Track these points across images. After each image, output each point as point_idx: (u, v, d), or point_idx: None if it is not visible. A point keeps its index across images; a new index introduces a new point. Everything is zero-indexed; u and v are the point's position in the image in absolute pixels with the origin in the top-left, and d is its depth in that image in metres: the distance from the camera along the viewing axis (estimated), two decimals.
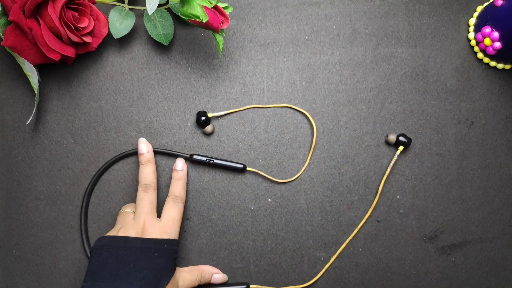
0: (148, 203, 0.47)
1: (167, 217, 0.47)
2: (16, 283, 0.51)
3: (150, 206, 0.47)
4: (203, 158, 0.51)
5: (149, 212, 0.47)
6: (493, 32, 0.51)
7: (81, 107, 0.53)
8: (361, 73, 0.54)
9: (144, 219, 0.46)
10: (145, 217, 0.46)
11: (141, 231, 0.45)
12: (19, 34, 0.46)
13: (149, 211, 0.47)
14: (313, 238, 0.52)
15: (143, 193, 0.47)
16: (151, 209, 0.47)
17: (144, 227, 0.45)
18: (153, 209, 0.47)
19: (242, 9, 0.54)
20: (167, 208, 0.48)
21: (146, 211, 0.46)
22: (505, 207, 0.53)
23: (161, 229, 0.45)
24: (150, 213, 0.47)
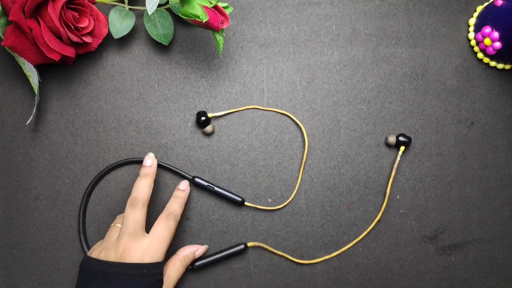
0: (132, 222, 0.44)
1: (154, 235, 0.44)
2: (16, 283, 0.51)
3: (134, 226, 0.44)
4: (204, 183, 0.51)
5: (131, 233, 0.44)
6: (493, 32, 0.51)
7: (81, 107, 0.53)
8: (361, 73, 0.54)
9: (126, 241, 0.43)
10: (127, 239, 0.43)
11: (120, 253, 0.43)
12: (19, 34, 0.46)
13: (132, 232, 0.44)
14: (313, 238, 0.52)
15: (130, 210, 0.45)
16: (134, 230, 0.44)
17: (124, 249, 0.43)
18: (138, 229, 0.44)
19: (242, 9, 0.54)
20: (158, 224, 0.45)
21: (128, 233, 0.44)
22: (505, 207, 0.53)
23: (143, 251, 0.43)
24: (132, 233, 0.44)
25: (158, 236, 0.44)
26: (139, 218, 0.45)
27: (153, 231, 0.45)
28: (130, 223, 0.44)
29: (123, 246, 0.43)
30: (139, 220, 0.45)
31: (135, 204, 0.45)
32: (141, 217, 0.45)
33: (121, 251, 0.43)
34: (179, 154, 0.53)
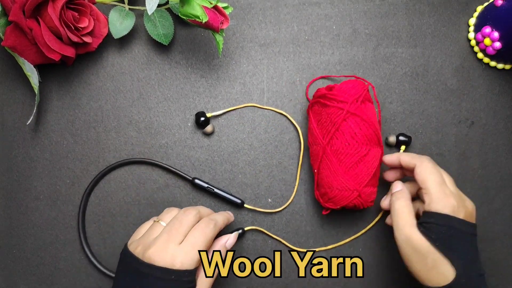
0: (178, 224, 0.42)
1: (189, 241, 0.42)
2: (16, 283, 0.51)
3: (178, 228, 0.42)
4: (204, 185, 0.51)
5: (172, 234, 0.41)
6: (493, 32, 0.51)
7: (81, 107, 0.53)
8: (361, 73, 0.54)
9: (162, 241, 0.41)
10: (165, 239, 0.41)
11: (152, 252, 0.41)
12: (19, 34, 0.46)
13: (174, 233, 0.41)
14: (313, 238, 0.52)
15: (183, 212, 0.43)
16: (177, 232, 0.42)
17: (157, 249, 0.41)
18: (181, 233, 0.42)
19: (242, 9, 0.54)
20: (194, 229, 0.43)
21: (169, 233, 0.42)
22: (505, 207, 0.53)
23: (174, 257, 0.40)
24: (173, 235, 0.41)
25: (192, 243, 0.41)
26: (187, 222, 0.43)
27: (189, 236, 0.42)
28: (177, 224, 0.42)
29: (157, 246, 0.41)
30: (186, 225, 0.42)
31: (190, 210, 0.44)
32: (189, 223, 0.43)
33: (154, 251, 0.40)
34: (179, 154, 0.53)
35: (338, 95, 0.47)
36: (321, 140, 0.48)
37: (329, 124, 0.47)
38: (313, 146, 0.49)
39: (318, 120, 0.49)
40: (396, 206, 0.45)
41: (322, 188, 0.48)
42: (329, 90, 0.48)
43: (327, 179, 0.48)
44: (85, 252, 0.50)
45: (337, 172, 0.47)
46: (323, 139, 0.47)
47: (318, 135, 0.48)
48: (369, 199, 0.48)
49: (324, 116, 0.48)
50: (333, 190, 0.47)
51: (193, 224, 0.43)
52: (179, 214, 0.44)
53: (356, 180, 0.47)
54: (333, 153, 0.47)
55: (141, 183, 0.52)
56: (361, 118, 0.46)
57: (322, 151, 0.47)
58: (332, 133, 0.47)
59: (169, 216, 0.45)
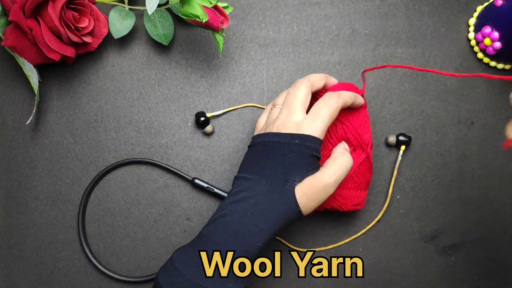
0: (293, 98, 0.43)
1: (312, 112, 0.42)
2: (16, 283, 0.51)
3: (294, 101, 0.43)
4: (204, 185, 0.51)
5: (291, 108, 0.43)
6: (493, 32, 0.51)
7: (81, 107, 0.53)
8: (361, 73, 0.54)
9: (285, 115, 0.43)
10: (286, 113, 0.43)
11: (277, 126, 0.42)
12: (19, 34, 0.46)
13: (292, 107, 0.43)
14: (313, 238, 0.52)
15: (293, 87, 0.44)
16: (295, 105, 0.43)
17: (282, 122, 0.42)
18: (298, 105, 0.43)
19: (242, 9, 0.54)
20: (317, 102, 0.43)
21: (288, 107, 0.43)
22: (505, 207, 0.53)
23: (298, 124, 0.41)
24: (292, 108, 0.42)
25: (315, 113, 0.42)
26: (301, 94, 0.43)
27: (312, 109, 0.43)
28: (291, 98, 0.43)
29: (282, 120, 0.42)
30: (301, 97, 0.43)
31: (300, 83, 0.44)
32: (303, 94, 0.43)
33: (279, 124, 0.42)
34: (179, 154, 0.53)
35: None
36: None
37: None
38: None
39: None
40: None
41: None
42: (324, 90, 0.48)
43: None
44: (85, 252, 0.50)
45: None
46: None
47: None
48: (350, 202, 0.47)
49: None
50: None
51: (307, 93, 0.44)
52: (291, 89, 0.44)
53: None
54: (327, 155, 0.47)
55: (141, 183, 0.52)
56: (340, 121, 0.47)
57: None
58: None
59: (281, 98, 0.46)
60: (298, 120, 0.42)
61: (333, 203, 0.47)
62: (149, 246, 0.52)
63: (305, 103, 0.43)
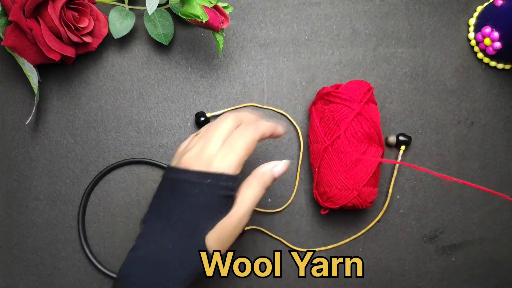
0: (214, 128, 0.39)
1: (226, 144, 0.38)
2: (16, 283, 0.51)
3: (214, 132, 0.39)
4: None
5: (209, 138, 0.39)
6: (493, 32, 0.51)
7: (81, 107, 0.53)
8: (361, 73, 0.54)
9: (199, 146, 0.39)
10: (202, 144, 0.39)
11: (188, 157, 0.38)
12: (19, 34, 0.46)
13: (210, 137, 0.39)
14: (313, 238, 0.52)
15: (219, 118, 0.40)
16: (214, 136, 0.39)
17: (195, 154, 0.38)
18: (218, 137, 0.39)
19: (242, 9, 0.54)
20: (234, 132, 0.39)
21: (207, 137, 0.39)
22: (505, 207, 0.53)
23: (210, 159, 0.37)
24: (210, 139, 0.38)
25: (229, 145, 0.38)
26: (223, 127, 0.39)
27: (227, 140, 0.39)
28: (212, 129, 0.39)
29: (194, 153, 0.38)
30: (223, 129, 0.39)
31: (228, 115, 0.40)
32: (227, 127, 0.39)
33: (190, 158, 0.38)
34: None
35: (343, 94, 0.47)
36: (322, 138, 0.48)
37: (331, 122, 0.47)
38: (314, 144, 0.49)
39: (321, 118, 0.49)
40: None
41: (321, 187, 0.48)
42: (335, 88, 0.49)
43: (327, 178, 0.48)
44: (85, 252, 0.50)
45: (338, 170, 0.47)
46: (325, 137, 0.47)
47: (320, 133, 0.48)
48: (368, 199, 0.48)
49: (327, 114, 0.48)
50: (333, 189, 0.47)
51: (231, 129, 0.39)
52: (215, 121, 0.41)
53: (355, 179, 0.47)
54: (334, 151, 0.47)
55: (141, 183, 0.52)
56: (364, 117, 0.47)
57: (323, 149, 0.47)
58: (334, 130, 0.47)
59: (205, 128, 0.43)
60: (211, 153, 0.38)
61: (356, 201, 0.47)
62: None
63: (226, 137, 0.39)
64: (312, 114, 0.50)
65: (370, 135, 0.47)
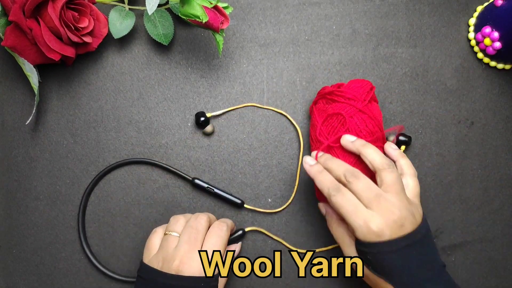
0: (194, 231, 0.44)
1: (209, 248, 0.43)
2: (16, 283, 0.51)
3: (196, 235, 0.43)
4: (204, 185, 0.51)
5: (192, 243, 0.43)
6: (493, 32, 0.51)
7: (81, 107, 0.53)
8: (361, 73, 0.54)
9: (184, 251, 0.42)
10: (186, 249, 0.42)
11: (178, 264, 0.42)
12: (19, 34, 0.46)
13: (193, 241, 0.43)
14: (313, 238, 0.52)
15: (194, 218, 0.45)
16: (196, 239, 0.43)
17: (182, 260, 0.42)
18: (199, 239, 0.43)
19: (242, 9, 0.54)
20: (211, 234, 0.44)
21: (189, 242, 0.43)
22: (505, 207, 0.53)
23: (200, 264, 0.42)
24: (193, 243, 0.43)
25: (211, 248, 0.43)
26: (202, 228, 0.44)
27: (207, 244, 0.44)
28: (194, 232, 0.44)
29: (181, 257, 0.42)
30: (203, 231, 0.44)
31: (202, 216, 0.45)
32: (204, 228, 0.44)
33: (180, 262, 0.42)
34: (179, 154, 0.53)
35: (347, 93, 0.47)
36: (325, 137, 0.48)
37: (335, 120, 0.47)
38: (316, 143, 0.49)
39: (324, 117, 0.49)
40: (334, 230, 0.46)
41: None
42: (337, 87, 0.49)
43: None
44: (85, 252, 0.50)
45: None
46: (328, 136, 0.47)
47: (323, 132, 0.48)
48: None
49: (330, 113, 0.48)
50: None
51: (206, 229, 0.45)
52: (191, 222, 0.45)
53: None
54: (339, 149, 0.47)
55: (141, 183, 0.52)
56: (368, 116, 0.47)
57: (327, 147, 0.47)
58: (338, 129, 0.47)
59: (179, 225, 0.45)
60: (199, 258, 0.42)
61: None
62: None
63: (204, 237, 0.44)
64: (314, 113, 0.50)
65: (374, 133, 0.47)
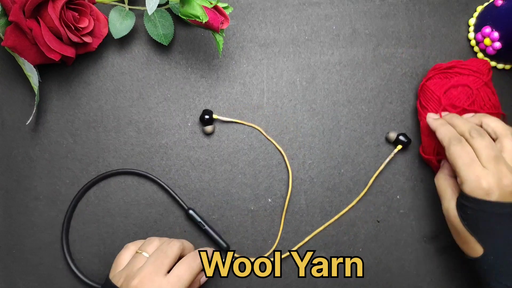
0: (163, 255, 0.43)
1: (174, 275, 0.42)
2: (16, 283, 0.51)
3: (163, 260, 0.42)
4: (197, 219, 0.50)
5: (157, 266, 0.42)
6: (493, 32, 0.51)
7: (81, 107, 0.53)
8: (361, 73, 0.54)
9: (146, 273, 0.41)
10: (149, 271, 0.41)
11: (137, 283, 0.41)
12: (19, 34, 0.46)
13: (158, 265, 0.42)
14: (313, 238, 0.52)
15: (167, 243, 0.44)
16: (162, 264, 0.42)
17: (141, 281, 0.41)
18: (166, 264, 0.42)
19: (242, 9, 0.54)
20: (181, 263, 0.43)
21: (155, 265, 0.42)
22: None
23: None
24: (158, 267, 0.42)
25: (179, 276, 0.42)
26: (172, 254, 0.43)
27: (174, 270, 0.42)
28: (161, 255, 0.43)
29: (142, 277, 0.41)
30: (172, 257, 0.43)
31: (174, 242, 0.44)
32: (174, 255, 0.43)
33: (139, 282, 0.41)
34: (179, 154, 0.53)
35: (472, 66, 0.49)
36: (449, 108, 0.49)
37: (460, 92, 0.49)
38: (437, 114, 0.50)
39: (443, 89, 0.49)
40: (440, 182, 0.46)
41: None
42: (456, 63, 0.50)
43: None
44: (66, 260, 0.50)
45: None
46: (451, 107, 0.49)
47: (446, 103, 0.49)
48: None
49: (454, 85, 0.49)
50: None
51: (177, 256, 0.44)
52: (163, 246, 0.44)
53: None
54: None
55: (140, 183, 0.52)
56: (491, 90, 0.49)
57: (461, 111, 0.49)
58: (463, 101, 0.48)
59: (151, 247, 0.45)
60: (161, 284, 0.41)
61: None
62: None
63: (172, 264, 0.43)
64: (429, 88, 0.51)
65: (497, 107, 0.49)
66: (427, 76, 0.52)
